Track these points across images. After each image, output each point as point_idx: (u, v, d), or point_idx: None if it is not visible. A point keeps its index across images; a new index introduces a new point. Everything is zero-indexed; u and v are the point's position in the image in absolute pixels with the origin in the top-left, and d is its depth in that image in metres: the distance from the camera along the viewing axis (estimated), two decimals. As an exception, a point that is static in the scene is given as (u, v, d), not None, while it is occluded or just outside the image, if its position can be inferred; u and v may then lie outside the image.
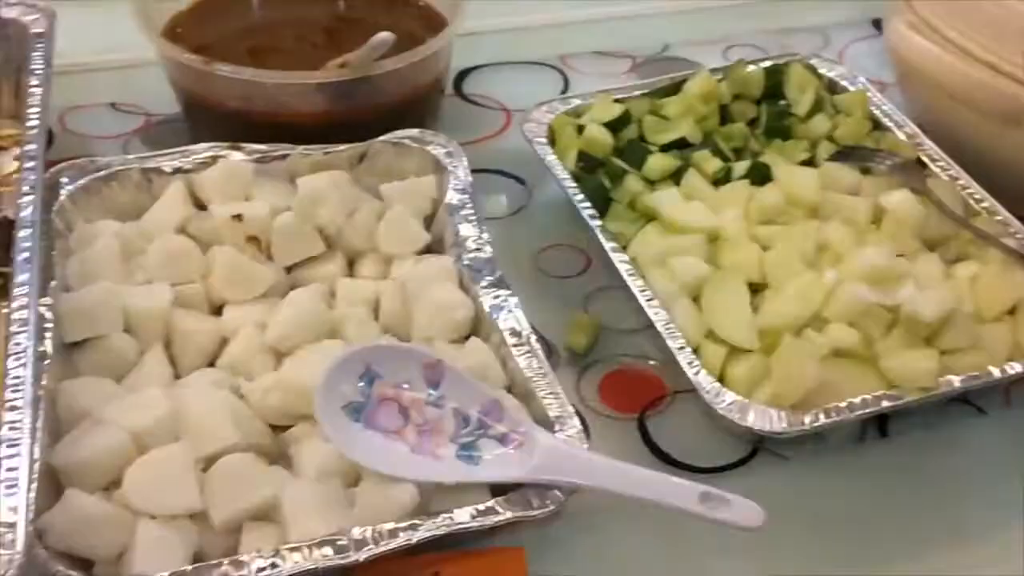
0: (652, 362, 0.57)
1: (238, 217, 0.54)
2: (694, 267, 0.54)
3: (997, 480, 0.52)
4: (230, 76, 0.60)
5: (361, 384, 0.45)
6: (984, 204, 0.60)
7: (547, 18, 0.87)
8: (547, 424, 0.47)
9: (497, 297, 0.52)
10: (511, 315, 0.51)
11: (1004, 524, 0.50)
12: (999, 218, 0.59)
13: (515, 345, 0.50)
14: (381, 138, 0.60)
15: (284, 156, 0.58)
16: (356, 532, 0.41)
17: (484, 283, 0.53)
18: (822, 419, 0.48)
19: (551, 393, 0.48)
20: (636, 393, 0.55)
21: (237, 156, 0.58)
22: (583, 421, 0.54)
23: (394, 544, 0.41)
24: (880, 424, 0.54)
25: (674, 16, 0.88)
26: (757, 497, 0.50)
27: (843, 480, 0.52)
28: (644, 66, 0.82)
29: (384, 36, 0.59)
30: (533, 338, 0.50)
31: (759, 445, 0.53)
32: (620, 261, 0.55)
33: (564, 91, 0.79)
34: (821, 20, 0.87)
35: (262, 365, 0.49)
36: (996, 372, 0.50)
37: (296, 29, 0.70)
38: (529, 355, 0.50)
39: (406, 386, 0.46)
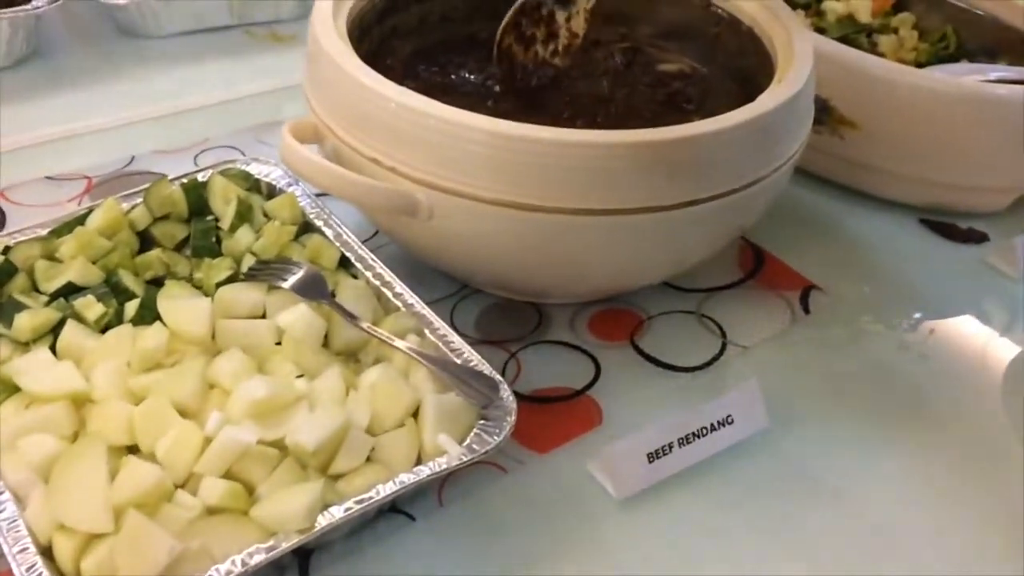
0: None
1: None
2: (43, 445, 0.46)
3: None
4: None
5: None
6: (403, 297, 0.59)
7: (-16, 147, 0.78)
8: None
9: None
10: None
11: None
12: (417, 310, 0.58)
13: None
14: None
15: None
16: None
17: None
18: (180, 600, 0.43)
19: None
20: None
21: None
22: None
23: None
24: (301, 564, 0.50)
25: (141, 125, 0.83)
26: None
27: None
28: (103, 186, 0.75)
29: None
30: None
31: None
32: (-36, 453, 0.47)
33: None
34: (293, 112, 0.85)
35: None
36: (385, 488, 0.48)
37: None
38: None
39: None
